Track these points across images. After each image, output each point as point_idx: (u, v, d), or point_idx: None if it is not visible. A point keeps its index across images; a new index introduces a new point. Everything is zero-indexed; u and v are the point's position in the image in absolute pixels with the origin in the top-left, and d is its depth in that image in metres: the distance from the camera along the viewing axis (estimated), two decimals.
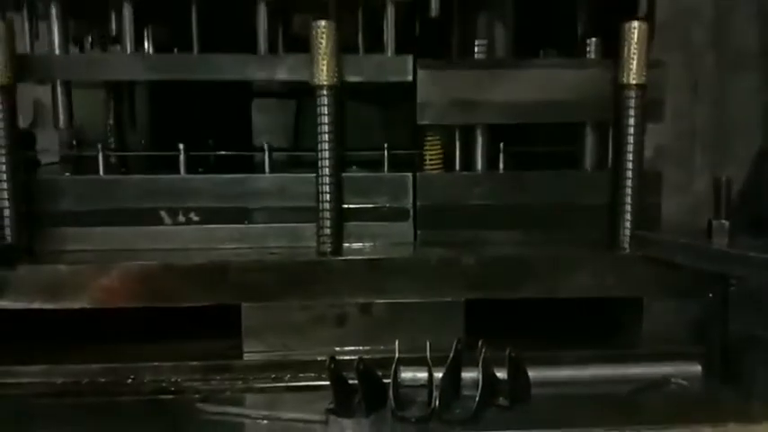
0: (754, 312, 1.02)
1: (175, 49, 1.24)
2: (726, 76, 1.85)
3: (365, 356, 1.01)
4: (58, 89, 1.24)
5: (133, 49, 1.20)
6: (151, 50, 1.30)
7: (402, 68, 1.19)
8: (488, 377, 0.98)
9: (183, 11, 1.23)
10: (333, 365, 0.97)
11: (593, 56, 1.23)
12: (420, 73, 1.19)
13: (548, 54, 1.36)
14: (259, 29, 1.19)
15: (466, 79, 1.20)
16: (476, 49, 1.22)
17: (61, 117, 1.26)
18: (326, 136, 1.13)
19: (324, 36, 1.10)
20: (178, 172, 1.21)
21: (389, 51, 1.19)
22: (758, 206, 1.69)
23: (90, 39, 1.44)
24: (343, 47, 1.15)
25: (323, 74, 1.11)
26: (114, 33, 1.30)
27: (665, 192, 1.49)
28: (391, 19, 1.19)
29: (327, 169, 1.14)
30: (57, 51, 1.21)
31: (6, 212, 1.13)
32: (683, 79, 1.88)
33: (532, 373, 1.04)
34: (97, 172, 1.22)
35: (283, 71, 1.18)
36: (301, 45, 1.19)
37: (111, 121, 1.54)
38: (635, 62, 1.13)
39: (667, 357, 1.11)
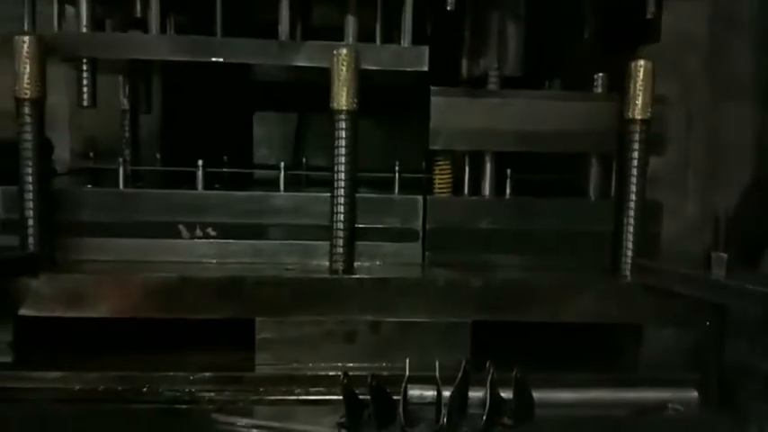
0: (749, 342, 1.07)
1: None
2: (719, 105, 1.90)
3: (373, 373, 1.05)
4: (84, 67, 1.29)
5: (158, 31, 1.24)
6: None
7: (418, 58, 1.22)
8: (495, 397, 1.02)
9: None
10: (346, 381, 1.01)
11: (599, 90, 1.28)
12: (434, 100, 1.24)
13: (553, 85, 1.42)
14: (281, 16, 1.23)
15: (478, 108, 1.25)
16: (489, 79, 1.27)
17: (85, 96, 1.31)
18: (343, 158, 1.18)
19: (344, 63, 1.15)
20: (189, 187, 1.25)
21: (406, 42, 1.23)
22: (746, 237, 1.74)
23: (111, 22, 1.46)
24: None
25: (342, 99, 1.16)
26: (139, 15, 1.33)
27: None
28: (409, 10, 1.22)
29: (343, 190, 1.18)
30: (84, 30, 1.24)
31: (30, 223, 1.16)
32: (677, 107, 1.93)
33: (536, 395, 1.08)
34: (112, 184, 1.26)
35: (303, 58, 1.22)
36: (321, 35, 1.24)
37: (126, 134, 1.58)
38: (640, 98, 1.19)
39: (665, 383, 1.15)
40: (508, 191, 1.30)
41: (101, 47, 1.25)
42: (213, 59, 1.22)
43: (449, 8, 1.16)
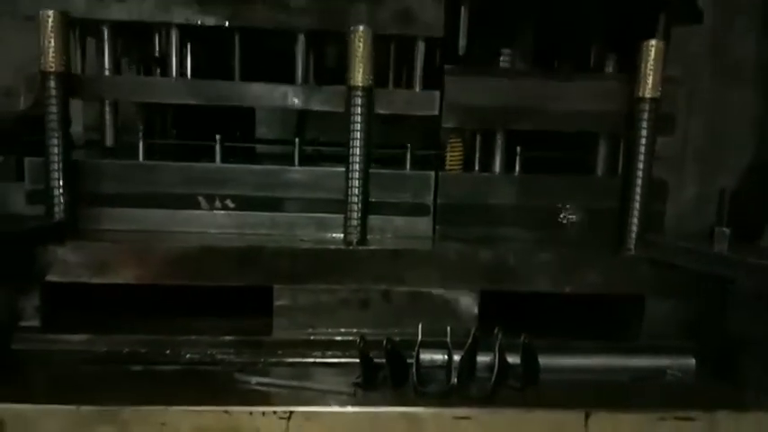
0: (747, 313, 1.11)
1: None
2: (721, 88, 1.93)
3: (388, 337, 1.10)
4: (107, 108, 1.33)
5: (178, 74, 1.29)
6: (189, 72, 1.37)
7: (429, 103, 1.27)
8: (502, 361, 1.07)
9: (226, 39, 1.30)
10: (362, 344, 1.06)
11: (610, 70, 1.32)
12: (447, 79, 1.28)
13: (562, 67, 1.45)
14: (297, 60, 1.27)
15: (489, 87, 1.29)
16: (501, 58, 1.31)
17: (108, 134, 1.35)
18: (358, 134, 1.22)
19: (361, 41, 1.19)
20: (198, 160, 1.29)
21: (417, 87, 1.28)
22: (745, 219, 1.78)
23: (128, 60, 1.50)
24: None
25: (359, 76, 1.20)
26: (158, 55, 1.38)
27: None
28: (420, 56, 1.27)
29: (358, 165, 1.23)
30: (107, 73, 1.28)
31: (56, 192, 1.21)
32: (680, 90, 1.95)
33: (542, 360, 1.13)
34: (126, 157, 1.30)
35: (317, 102, 1.27)
36: (335, 78, 1.27)
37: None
38: (651, 78, 1.22)
39: (665, 351, 1.20)
40: (518, 168, 1.34)
41: (120, 89, 1.29)
42: (231, 104, 1.27)
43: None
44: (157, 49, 1.40)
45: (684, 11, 1.37)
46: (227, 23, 1.26)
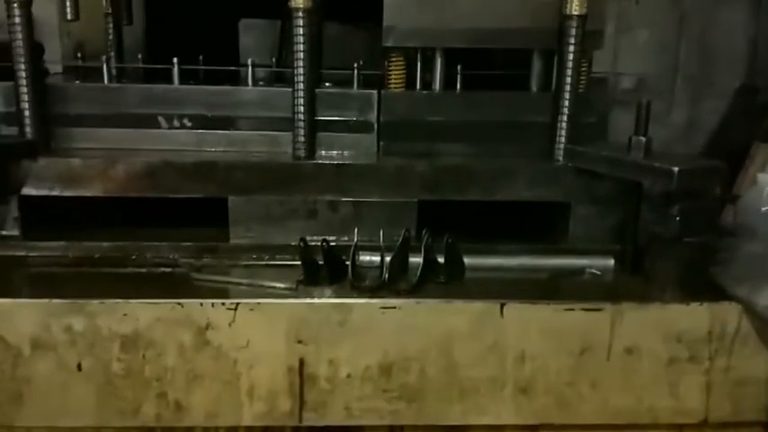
0: (655, 214, 1.22)
1: None
2: (712, 10, 1.94)
3: (324, 238, 1.22)
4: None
5: None
6: None
7: None
8: (429, 259, 1.19)
9: None
10: (303, 245, 1.18)
11: None
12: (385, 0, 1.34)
13: None
14: None
15: (427, 6, 1.35)
16: None
17: (68, 8, 1.42)
18: (301, 54, 1.30)
19: None
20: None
21: None
22: (734, 140, 1.84)
23: None
24: None
25: None
26: None
27: None
28: None
29: (302, 84, 1.31)
30: None
31: (26, 114, 1.31)
32: (670, 13, 1.97)
33: (470, 260, 1.25)
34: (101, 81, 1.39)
35: None
36: None
37: (110, 37, 1.71)
38: None
39: (586, 252, 1.32)
40: (458, 85, 1.42)
41: None
42: None
43: None
44: None
45: None
46: None
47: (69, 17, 1.43)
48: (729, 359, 1.15)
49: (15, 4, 1.26)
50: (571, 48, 1.31)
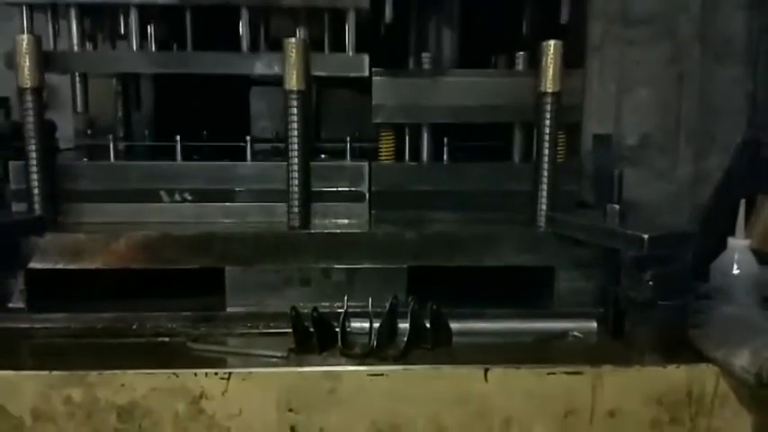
0: (634, 279, 1.27)
1: (174, 46, 1.52)
2: (711, 67, 2.01)
3: (326, 311, 1.27)
4: (77, 79, 1.49)
5: (138, 47, 1.46)
6: (154, 46, 1.57)
7: (359, 65, 1.42)
8: (416, 325, 1.24)
9: (180, 15, 1.48)
10: (294, 313, 1.24)
11: (520, 67, 1.47)
12: (375, 80, 1.43)
13: (498, 59, 1.60)
14: (242, 31, 1.44)
15: (413, 86, 1.44)
16: (423, 60, 1.47)
17: (79, 103, 1.52)
18: (295, 131, 1.38)
19: (294, 50, 1.35)
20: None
21: (350, 51, 1.43)
22: (739, 193, 1.87)
23: (101, 35, 1.70)
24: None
25: (293, 81, 1.36)
26: (123, 31, 1.56)
27: (649, 179, 1.68)
28: (352, 23, 1.42)
29: (296, 158, 1.39)
30: (75, 48, 1.46)
31: (35, 191, 1.39)
32: (669, 71, 2.03)
33: (457, 325, 1.30)
34: (109, 158, 1.48)
35: (260, 67, 1.43)
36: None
37: (120, 114, 1.81)
38: (551, 73, 1.37)
39: (569, 316, 1.36)
40: (445, 157, 1.50)
41: (89, 63, 1.48)
42: (185, 71, 1.45)
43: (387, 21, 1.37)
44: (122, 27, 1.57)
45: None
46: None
47: (79, 110, 1.53)
48: (710, 420, 1.18)
49: (28, 91, 1.36)
50: (547, 122, 1.39)
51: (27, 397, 1.14)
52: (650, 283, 1.20)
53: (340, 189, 1.47)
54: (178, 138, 1.48)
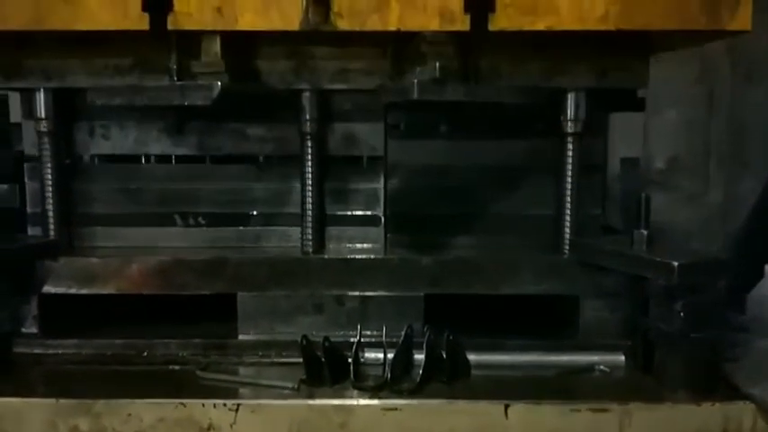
0: (660, 309, 1.20)
1: None
2: (741, 85, 1.93)
3: (339, 340, 1.23)
4: None
5: None
6: None
7: None
8: (432, 357, 1.19)
9: None
10: (305, 342, 1.19)
11: None
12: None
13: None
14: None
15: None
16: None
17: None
18: (309, 157, 1.36)
19: None
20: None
21: None
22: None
23: None
24: None
25: None
26: None
27: (679, 203, 1.61)
28: None
29: (310, 182, 1.36)
30: None
31: (50, 215, 1.39)
32: (699, 91, 1.96)
33: (475, 357, 1.24)
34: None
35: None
36: None
37: None
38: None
39: (596, 348, 1.29)
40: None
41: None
42: None
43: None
44: None
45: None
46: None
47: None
48: None
49: (45, 134, 1.36)
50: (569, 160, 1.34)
51: (34, 425, 1.12)
52: (681, 313, 1.13)
53: (355, 213, 1.44)
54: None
